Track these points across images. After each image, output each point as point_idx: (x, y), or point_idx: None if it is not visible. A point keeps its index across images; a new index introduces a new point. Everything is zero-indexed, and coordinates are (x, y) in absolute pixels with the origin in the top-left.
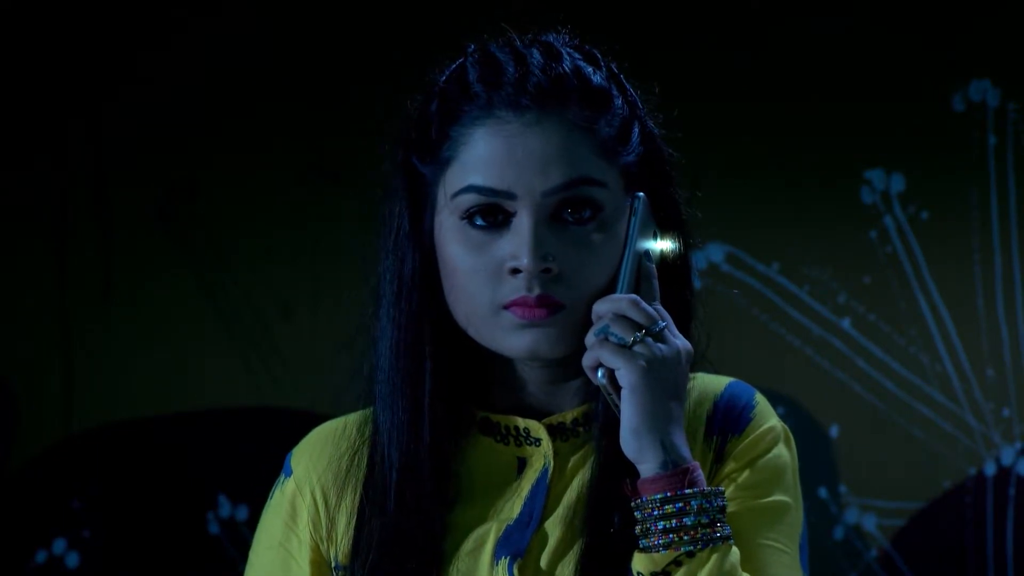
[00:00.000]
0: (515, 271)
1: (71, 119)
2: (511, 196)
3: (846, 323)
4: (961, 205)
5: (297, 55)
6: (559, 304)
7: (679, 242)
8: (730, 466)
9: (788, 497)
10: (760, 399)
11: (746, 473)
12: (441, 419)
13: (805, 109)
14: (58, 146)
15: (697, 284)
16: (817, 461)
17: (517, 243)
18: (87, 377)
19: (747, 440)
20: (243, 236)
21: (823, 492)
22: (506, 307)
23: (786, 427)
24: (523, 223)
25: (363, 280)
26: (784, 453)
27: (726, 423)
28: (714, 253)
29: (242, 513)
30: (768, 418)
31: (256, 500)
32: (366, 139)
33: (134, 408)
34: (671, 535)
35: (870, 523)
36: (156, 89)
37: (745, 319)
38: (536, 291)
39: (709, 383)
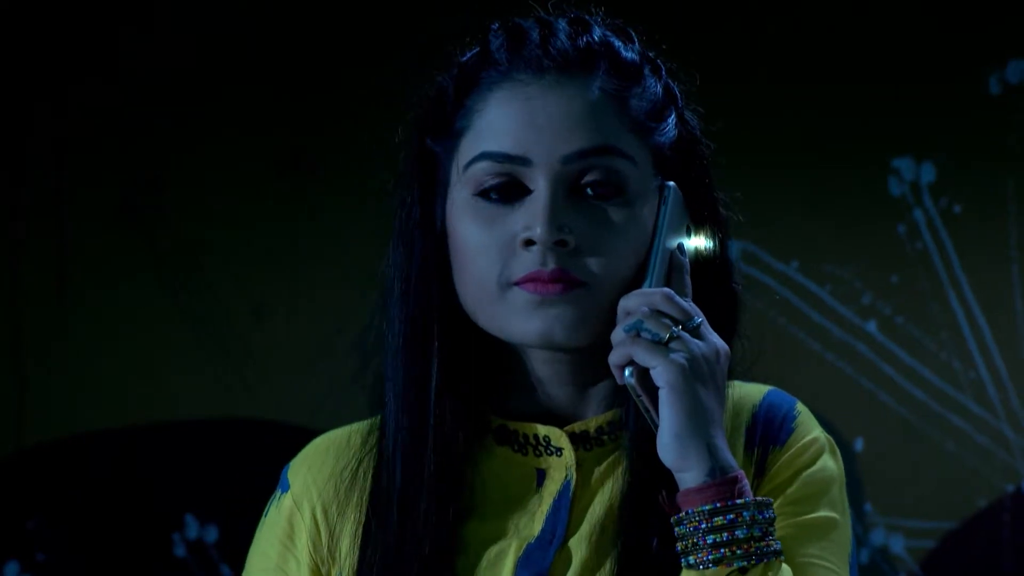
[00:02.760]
0: (528, 243)
1: (30, 103)
2: (526, 162)
3: (871, 326)
4: (997, 197)
5: (274, 37)
6: (577, 280)
7: (717, 240)
8: (773, 480)
9: (836, 513)
10: (802, 408)
11: (790, 487)
12: (449, 421)
13: (826, 92)
14: (13, 133)
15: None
16: None
17: (531, 213)
18: (41, 385)
19: (790, 452)
20: (213, 232)
21: None
22: (517, 283)
23: (831, 438)
24: (539, 193)
25: (343, 280)
26: (830, 465)
27: (766, 434)
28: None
29: (211, 534)
30: (811, 428)
31: (227, 520)
32: (347, 130)
33: (93, 420)
34: (722, 549)
35: (898, 545)
36: (121, 73)
37: (760, 322)
38: (551, 265)
39: (746, 392)
